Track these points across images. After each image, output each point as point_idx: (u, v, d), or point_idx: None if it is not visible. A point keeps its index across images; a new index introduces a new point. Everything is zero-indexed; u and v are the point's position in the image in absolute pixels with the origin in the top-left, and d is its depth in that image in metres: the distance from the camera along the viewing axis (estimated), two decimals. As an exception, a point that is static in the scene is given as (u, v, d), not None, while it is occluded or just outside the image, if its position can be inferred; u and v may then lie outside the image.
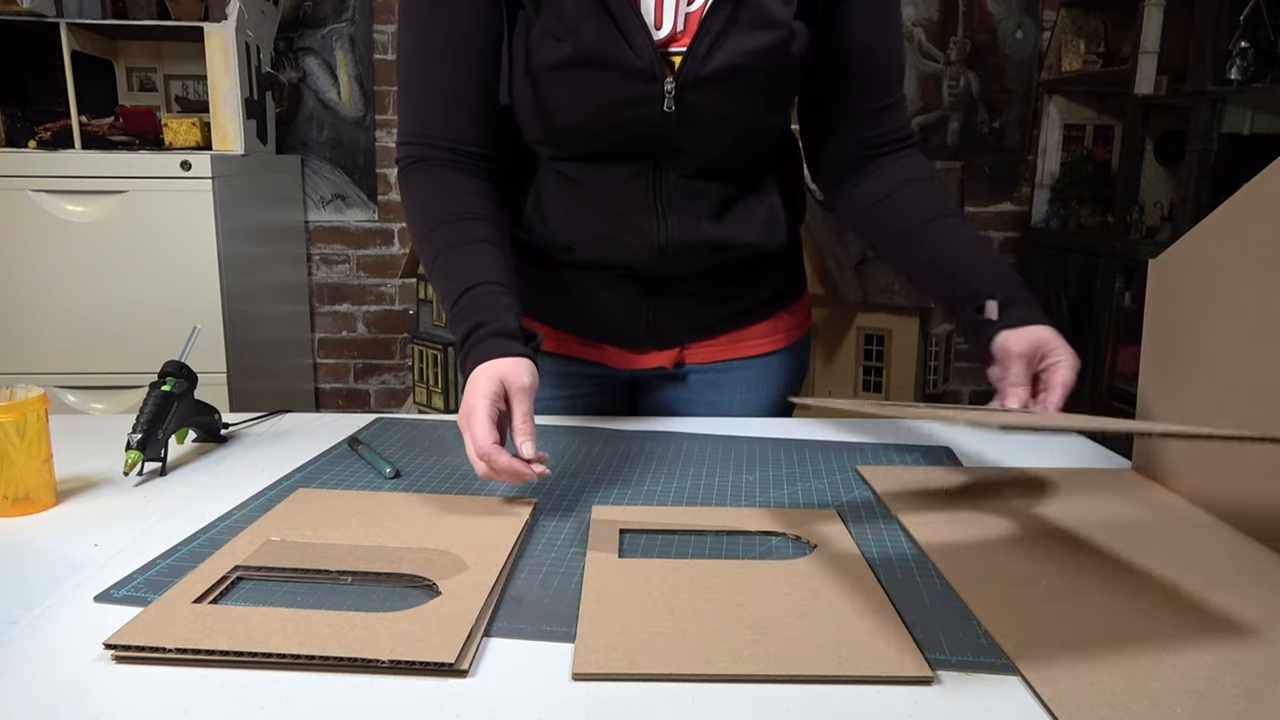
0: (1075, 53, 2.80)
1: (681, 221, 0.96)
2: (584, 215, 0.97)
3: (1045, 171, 2.96)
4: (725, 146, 0.94)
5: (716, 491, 0.83)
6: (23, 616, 0.59)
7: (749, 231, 0.99)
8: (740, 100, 0.91)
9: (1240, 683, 0.52)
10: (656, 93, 0.88)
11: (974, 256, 0.94)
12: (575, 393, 1.11)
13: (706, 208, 0.97)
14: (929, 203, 0.98)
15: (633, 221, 0.96)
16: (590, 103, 0.90)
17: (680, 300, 1.03)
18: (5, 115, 2.38)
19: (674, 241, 0.97)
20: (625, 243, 0.97)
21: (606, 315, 1.05)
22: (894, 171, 1.00)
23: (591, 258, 1.00)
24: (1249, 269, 0.73)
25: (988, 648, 0.56)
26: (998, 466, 0.92)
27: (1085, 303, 2.63)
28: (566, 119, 0.91)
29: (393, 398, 3.08)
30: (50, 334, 2.26)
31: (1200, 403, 0.80)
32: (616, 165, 0.94)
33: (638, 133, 0.91)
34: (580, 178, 0.96)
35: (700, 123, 0.90)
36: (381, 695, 0.51)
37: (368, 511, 0.75)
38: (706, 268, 1.01)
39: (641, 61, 0.87)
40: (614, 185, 0.95)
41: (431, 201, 0.92)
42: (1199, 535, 0.73)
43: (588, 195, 0.96)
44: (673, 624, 0.57)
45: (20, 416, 0.75)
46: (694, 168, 0.95)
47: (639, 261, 0.99)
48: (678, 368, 1.09)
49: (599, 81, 0.88)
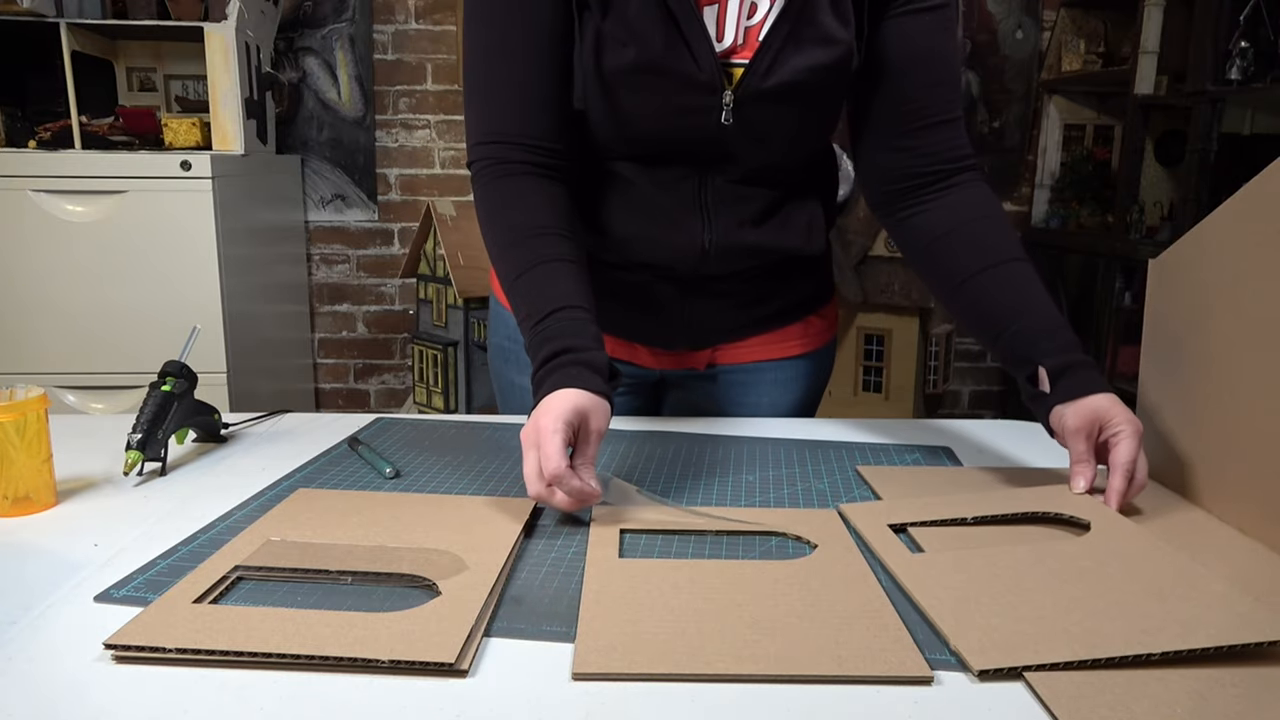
0: (1075, 53, 2.80)
1: (726, 225, 0.97)
2: (631, 214, 0.97)
3: (1045, 171, 2.96)
4: (776, 157, 0.95)
5: (716, 491, 0.83)
6: (23, 616, 0.59)
7: (790, 237, 1.00)
8: (795, 115, 0.91)
9: (1240, 683, 0.52)
10: (715, 104, 0.88)
11: (1027, 312, 0.85)
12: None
13: (750, 213, 0.97)
14: (986, 246, 0.89)
15: (679, 222, 0.96)
16: (651, 108, 0.89)
17: (715, 301, 1.04)
18: (5, 115, 2.38)
19: (717, 244, 0.97)
20: (671, 242, 0.97)
21: (642, 315, 1.05)
22: (955, 203, 0.92)
23: (634, 257, 1.00)
24: (1249, 269, 0.73)
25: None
26: (998, 467, 0.92)
27: (1085, 303, 2.63)
28: (630, 121, 0.91)
29: (393, 398, 3.08)
30: (50, 334, 2.26)
31: (1200, 403, 0.80)
32: (666, 168, 0.94)
33: (693, 139, 0.91)
34: (629, 176, 0.96)
35: (755, 134, 0.91)
36: (381, 695, 0.51)
37: (368, 511, 0.75)
38: (742, 269, 1.02)
39: (704, 74, 0.87)
40: (661, 186, 0.95)
41: (513, 211, 0.89)
42: (1199, 535, 0.73)
43: (635, 193, 0.96)
44: (673, 624, 0.57)
45: (20, 416, 0.75)
46: (740, 174, 0.95)
47: (681, 262, 0.99)
48: (709, 369, 1.10)
49: (660, 88, 0.88)
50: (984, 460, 0.95)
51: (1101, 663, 0.53)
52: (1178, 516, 0.77)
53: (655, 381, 1.13)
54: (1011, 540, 0.72)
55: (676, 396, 1.15)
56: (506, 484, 0.84)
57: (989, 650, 0.54)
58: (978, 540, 0.72)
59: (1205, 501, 0.79)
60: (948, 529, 0.74)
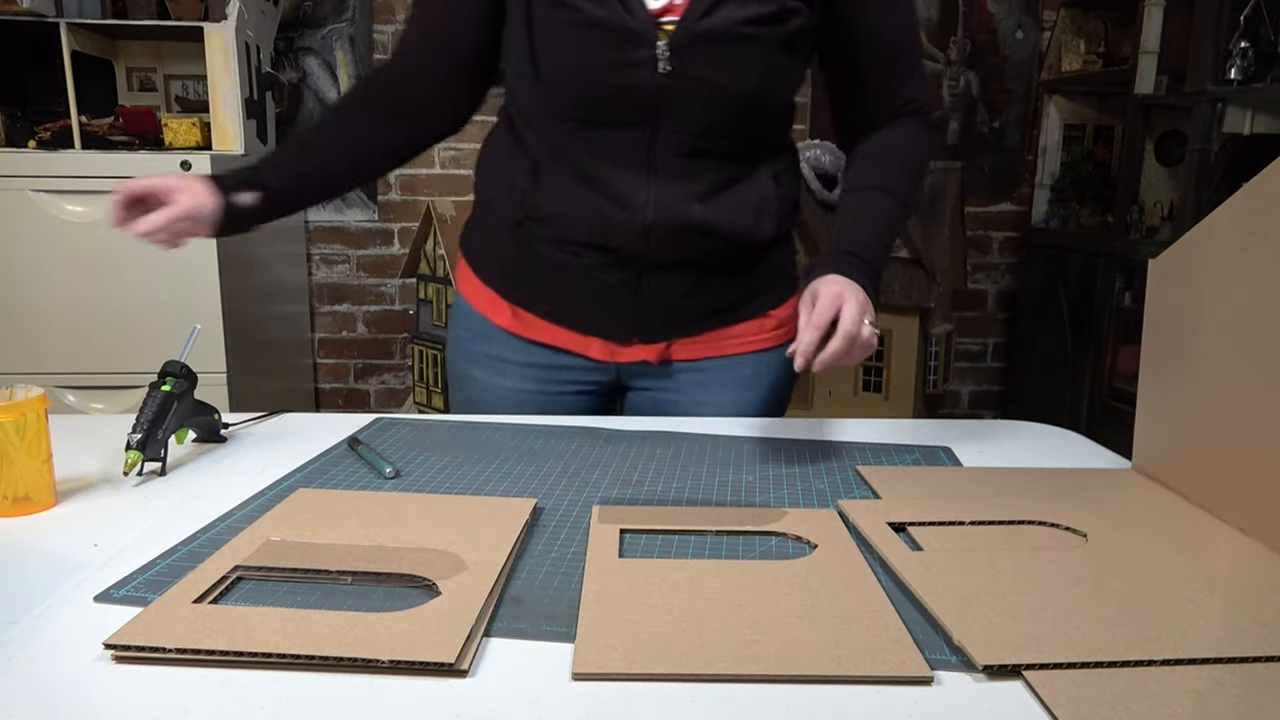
0: (1075, 53, 2.80)
1: (671, 199, 0.97)
2: (576, 190, 0.99)
3: (1045, 171, 2.96)
4: (719, 118, 0.95)
5: (716, 491, 0.83)
6: (23, 616, 0.59)
7: (737, 217, 1.00)
8: (733, 69, 0.92)
9: (1240, 683, 0.52)
10: (649, 56, 0.90)
11: (842, 231, 1.00)
12: (560, 385, 1.12)
13: (697, 188, 0.98)
14: (866, 174, 1.03)
15: (623, 195, 0.97)
16: (587, 64, 0.92)
17: (666, 290, 1.04)
18: (5, 115, 2.38)
19: (661, 220, 0.97)
20: (614, 217, 0.98)
21: (593, 306, 1.05)
22: (882, 135, 1.04)
23: (578, 235, 1.01)
24: (1249, 269, 0.73)
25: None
26: (998, 467, 0.92)
27: (1085, 303, 2.63)
28: (564, 80, 0.94)
29: (393, 398, 3.08)
30: (50, 334, 2.26)
31: (1200, 403, 0.80)
32: (611, 135, 0.96)
33: (633, 96, 0.93)
34: (574, 148, 0.98)
35: (694, 88, 0.92)
36: (381, 695, 0.51)
37: (368, 511, 0.75)
38: (693, 258, 1.02)
39: (636, 22, 0.90)
40: (607, 157, 0.97)
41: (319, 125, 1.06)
42: (1199, 535, 0.73)
43: (580, 170, 0.98)
44: (673, 624, 0.57)
45: (20, 416, 0.75)
46: (688, 144, 0.96)
47: (625, 240, 0.99)
48: (663, 364, 1.09)
49: (595, 43, 0.91)
50: (984, 460, 0.95)
51: (1103, 664, 0.53)
52: (1178, 516, 0.77)
53: (612, 378, 1.13)
54: (1011, 542, 0.72)
55: (636, 395, 1.15)
56: (506, 484, 0.84)
57: (993, 646, 0.54)
58: (978, 541, 0.72)
59: (1205, 501, 0.79)
60: (947, 529, 0.74)
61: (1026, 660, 0.53)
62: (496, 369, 1.11)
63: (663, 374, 1.10)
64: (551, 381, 1.11)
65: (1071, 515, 0.77)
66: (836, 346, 0.85)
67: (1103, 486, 0.85)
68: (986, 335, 3.16)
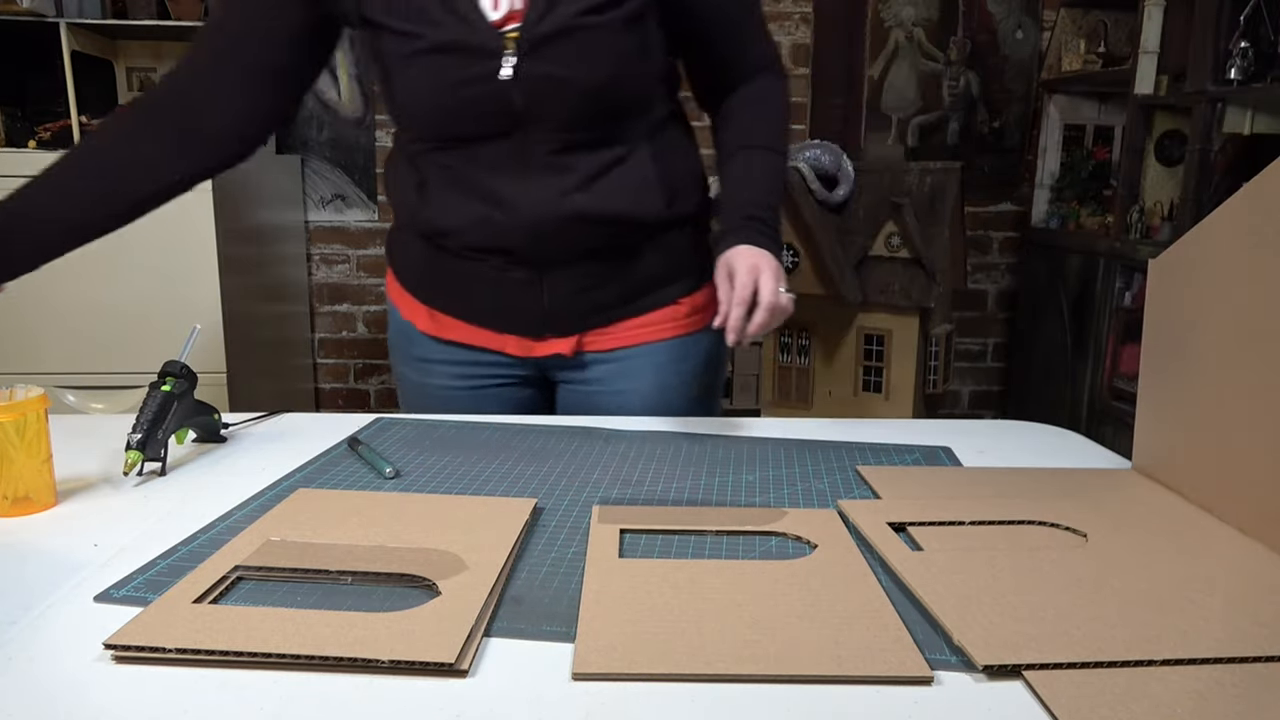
0: (1075, 53, 2.80)
1: (550, 195, 0.99)
2: (460, 200, 1.02)
3: (1045, 171, 2.96)
4: (580, 112, 0.96)
5: (716, 491, 0.83)
6: (23, 616, 0.59)
7: (617, 200, 1.01)
8: (583, 62, 0.94)
9: (1240, 683, 0.52)
10: (496, 67, 0.93)
11: (729, 193, 1.05)
12: (484, 381, 1.14)
13: (573, 180, 0.99)
14: (740, 134, 1.07)
15: (503, 200, 1.00)
16: (441, 87, 0.95)
17: (568, 284, 1.06)
18: (5, 115, 2.38)
19: (545, 216, 0.99)
20: (499, 221, 1.00)
21: (502, 303, 1.08)
22: (741, 96, 1.08)
23: (474, 242, 1.03)
24: (1249, 269, 0.73)
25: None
26: (998, 467, 0.92)
27: (1085, 303, 2.63)
28: (424, 106, 0.97)
29: (393, 398, 3.07)
30: (50, 334, 2.26)
31: (1200, 403, 0.80)
32: (484, 146, 0.98)
33: (491, 109, 0.95)
34: (454, 164, 1.01)
35: (549, 89, 0.94)
36: (381, 695, 0.51)
37: (368, 511, 0.75)
38: (588, 249, 1.03)
39: (479, 36, 0.92)
40: (485, 166, 0.99)
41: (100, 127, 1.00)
42: (1199, 535, 0.73)
43: (462, 181, 1.01)
44: (673, 624, 0.57)
45: (20, 416, 0.75)
46: (558, 141, 0.98)
47: (516, 242, 1.02)
48: (577, 355, 1.11)
49: (445, 65, 0.93)
50: (984, 460, 0.95)
51: (1103, 664, 0.53)
52: (1178, 516, 0.77)
53: (535, 372, 1.15)
54: (1011, 542, 0.72)
55: (565, 391, 1.17)
56: (506, 484, 0.84)
57: (993, 646, 0.54)
58: (978, 541, 0.72)
59: (1205, 501, 0.79)
60: (947, 529, 0.74)
61: (1026, 660, 0.53)
62: (424, 369, 1.16)
63: (581, 365, 1.13)
64: (474, 378, 1.14)
65: (1071, 515, 0.77)
66: (761, 319, 0.92)
67: (1103, 486, 0.85)
68: (986, 335, 3.16)
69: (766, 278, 0.93)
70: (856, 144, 2.98)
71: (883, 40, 2.93)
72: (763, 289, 0.93)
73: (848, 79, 2.95)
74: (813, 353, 2.48)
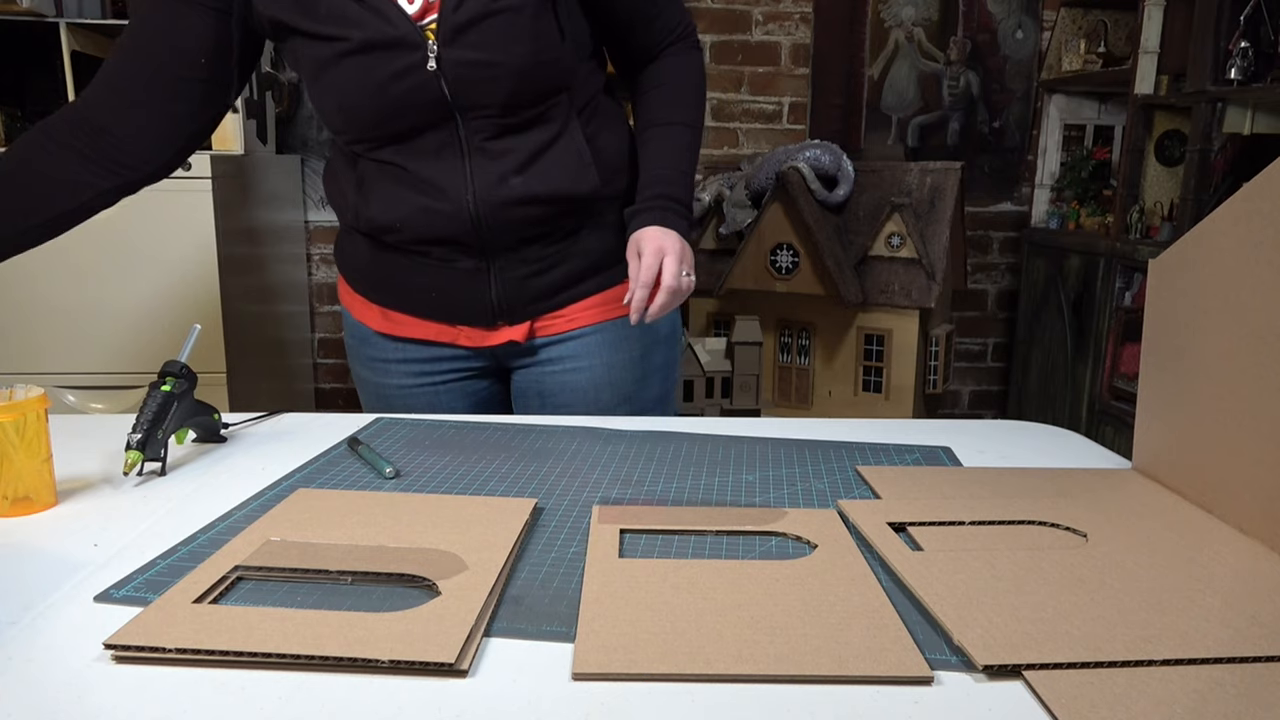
0: (1075, 53, 2.80)
1: (489, 180, 1.01)
2: (401, 193, 1.03)
3: (1045, 171, 2.96)
4: (508, 95, 0.97)
5: (716, 491, 0.83)
6: (23, 616, 0.59)
7: (555, 179, 1.03)
8: (503, 45, 0.95)
9: (1240, 683, 0.52)
10: (421, 59, 0.94)
11: (643, 171, 1.08)
12: (442, 376, 1.16)
13: (512, 164, 1.01)
14: (651, 110, 1.10)
15: (443, 189, 1.01)
16: (368, 86, 0.96)
17: (516, 269, 1.07)
18: (5, 115, 2.38)
19: (485, 201, 1.01)
20: (440, 211, 1.01)
21: (452, 295, 1.09)
22: (654, 72, 1.11)
23: (417, 235, 1.05)
24: (1249, 269, 0.73)
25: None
26: (998, 467, 0.92)
27: (1085, 303, 2.63)
28: (354, 107, 0.97)
29: (393, 398, 3.08)
30: (50, 334, 2.26)
31: (1200, 403, 0.80)
32: (421, 140, 0.99)
33: (420, 102, 0.96)
34: (393, 160, 1.02)
35: (473, 75, 0.95)
36: (381, 695, 0.51)
37: (368, 511, 0.75)
38: (532, 234, 1.05)
39: (399, 30, 0.93)
40: (423, 160, 1.01)
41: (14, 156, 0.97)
42: (1199, 535, 0.73)
43: (401, 175, 1.02)
44: (673, 624, 0.57)
45: (20, 416, 0.75)
46: (491, 126, 0.99)
47: (460, 231, 1.03)
48: (529, 341, 1.12)
49: (370, 64, 0.94)
50: (984, 460, 0.95)
51: (1103, 664, 0.53)
52: (1178, 516, 0.77)
53: (490, 363, 1.16)
54: (1011, 543, 0.72)
55: (520, 377, 1.18)
56: (506, 484, 0.84)
57: (993, 646, 0.54)
58: (977, 541, 0.72)
59: (1205, 501, 0.79)
60: (947, 529, 0.74)
61: (1026, 660, 0.53)
62: (381, 370, 1.17)
63: (533, 350, 1.14)
64: (431, 374, 1.15)
65: (1071, 515, 0.77)
66: (662, 301, 0.98)
67: (1103, 486, 0.85)
68: (986, 335, 3.17)
69: (670, 259, 0.98)
70: (856, 144, 2.98)
71: (883, 40, 2.94)
72: (665, 271, 0.98)
73: (848, 79, 2.96)
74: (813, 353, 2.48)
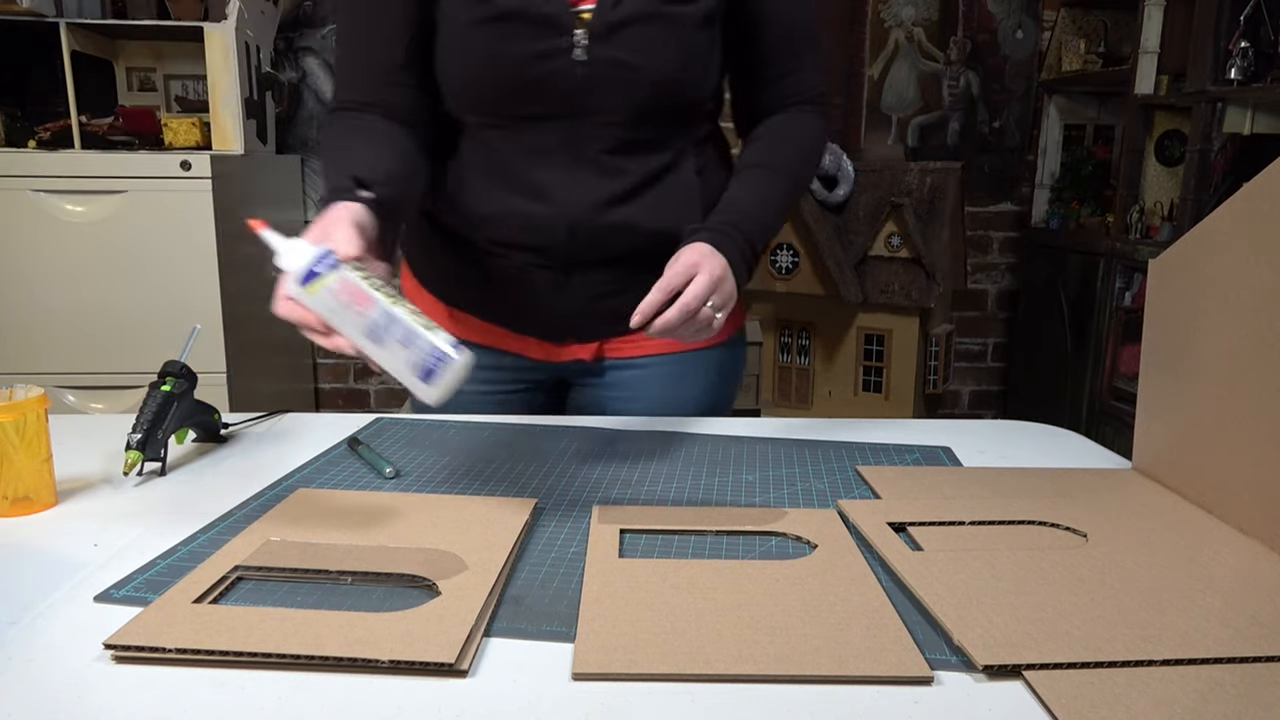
0: (1075, 53, 2.80)
1: (595, 198, 0.97)
2: (500, 188, 0.99)
3: (1045, 171, 2.96)
4: (641, 105, 0.95)
5: (716, 491, 0.83)
6: (23, 616, 0.59)
7: (661, 215, 1.00)
8: (653, 53, 0.92)
9: (1240, 683, 0.52)
10: (568, 44, 0.90)
11: (737, 197, 1.00)
12: (503, 387, 1.13)
13: (621, 185, 0.98)
14: (760, 154, 1.04)
15: (547, 194, 0.97)
16: (505, 58, 0.92)
17: (594, 287, 1.04)
18: (5, 115, 2.38)
19: (585, 219, 0.98)
20: (538, 216, 0.98)
21: (526, 305, 1.06)
22: (772, 123, 1.05)
23: (505, 236, 1.01)
24: (1249, 269, 0.73)
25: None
26: (998, 467, 0.92)
27: (1085, 303, 2.63)
28: (483, 76, 0.93)
29: (393, 398, 3.08)
30: (50, 334, 2.26)
31: (1200, 403, 0.80)
32: (534, 131, 0.96)
33: (553, 88, 0.93)
34: (500, 147, 0.98)
35: (614, 75, 0.92)
36: (381, 695, 0.51)
37: (368, 511, 0.75)
38: (621, 256, 1.02)
39: (552, 8, 0.89)
40: (531, 154, 0.97)
41: (335, 135, 0.95)
42: (1199, 535, 0.73)
43: (507, 166, 0.98)
44: (673, 624, 0.57)
45: (20, 416, 0.75)
46: (612, 137, 0.96)
47: (550, 240, 0.99)
48: (598, 361, 1.10)
49: (512, 36, 0.91)
50: (984, 460, 0.95)
51: (1103, 664, 0.53)
52: (1178, 516, 0.77)
53: (553, 377, 1.14)
54: (1011, 543, 0.72)
55: (578, 393, 1.15)
56: (506, 484, 0.84)
57: (993, 646, 0.54)
58: (977, 541, 0.72)
59: (1205, 501, 0.79)
60: (948, 529, 0.74)
61: (1026, 660, 0.53)
62: None
63: (600, 371, 1.12)
64: (493, 383, 1.13)
65: (1071, 515, 0.77)
66: (669, 316, 0.83)
67: (1103, 486, 0.85)
68: (986, 335, 3.16)
69: (699, 281, 0.85)
70: (856, 144, 2.98)
71: (883, 40, 2.93)
72: (689, 290, 0.84)
73: (848, 79, 2.95)
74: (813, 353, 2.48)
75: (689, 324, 0.85)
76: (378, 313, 0.66)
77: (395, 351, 0.65)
